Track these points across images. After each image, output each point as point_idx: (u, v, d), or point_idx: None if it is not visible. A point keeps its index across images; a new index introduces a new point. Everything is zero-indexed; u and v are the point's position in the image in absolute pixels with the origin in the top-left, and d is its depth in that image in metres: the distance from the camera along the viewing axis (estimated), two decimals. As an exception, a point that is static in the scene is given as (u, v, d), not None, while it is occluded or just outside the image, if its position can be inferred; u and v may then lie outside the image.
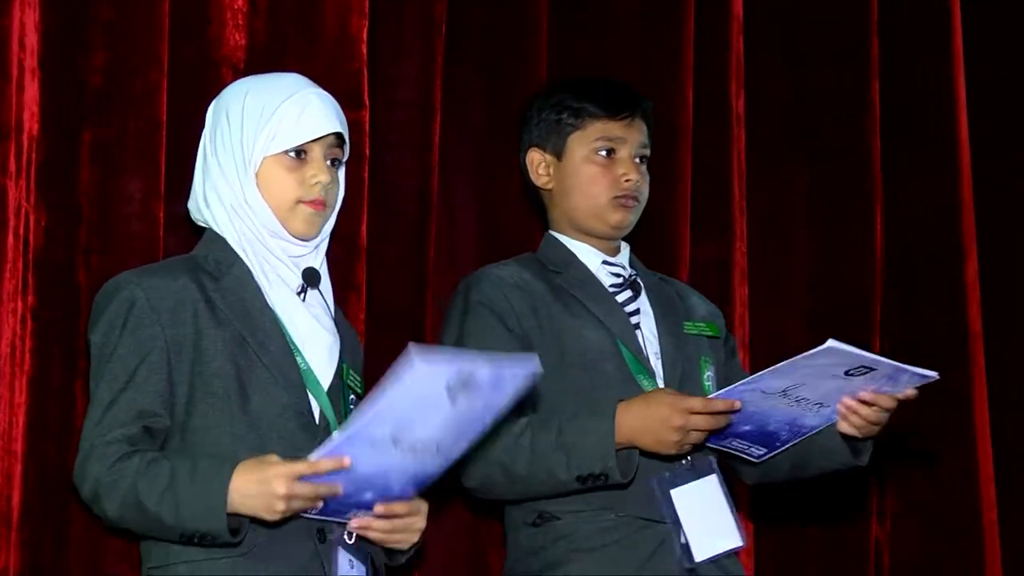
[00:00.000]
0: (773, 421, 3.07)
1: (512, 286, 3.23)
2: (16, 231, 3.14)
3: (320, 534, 2.80)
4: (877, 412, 3.10)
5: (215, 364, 2.80)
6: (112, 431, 2.72)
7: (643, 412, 3.03)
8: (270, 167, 2.88)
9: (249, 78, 3.03)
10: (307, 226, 2.91)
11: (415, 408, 2.56)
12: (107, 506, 2.70)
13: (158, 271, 2.88)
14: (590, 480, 3.06)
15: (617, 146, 3.28)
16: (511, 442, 3.07)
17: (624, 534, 3.13)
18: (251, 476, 2.63)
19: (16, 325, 3.13)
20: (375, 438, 2.57)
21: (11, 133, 3.15)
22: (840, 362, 2.93)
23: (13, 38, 3.16)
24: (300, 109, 2.88)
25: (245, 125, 2.88)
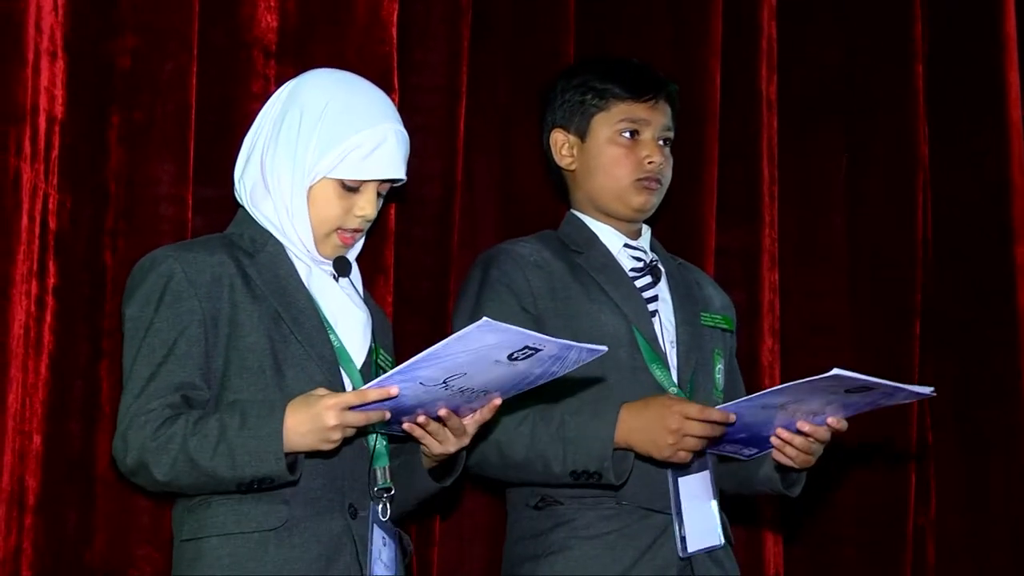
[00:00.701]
0: (767, 429, 3.07)
1: (531, 264, 3.23)
2: (31, 213, 3.13)
3: (352, 510, 2.85)
4: (810, 443, 3.09)
5: (250, 339, 2.84)
6: (152, 401, 2.76)
7: (641, 412, 3.05)
8: (324, 187, 2.92)
9: (334, 78, 3.01)
10: (334, 252, 2.97)
11: (472, 363, 2.64)
12: (156, 471, 2.73)
13: (194, 246, 2.91)
14: (583, 477, 3.07)
15: (641, 128, 3.28)
16: (512, 427, 3.09)
17: (625, 523, 3.14)
18: (303, 414, 2.70)
19: (31, 306, 3.12)
20: (425, 378, 2.65)
21: (26, 116, 3.13)
22: (843, 385, 2.93)
23: (29, 22, 3.14)
24: (374, 146, 2.91)
25: (316, 138, 2.90)
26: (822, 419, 3.05)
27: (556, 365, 2.75)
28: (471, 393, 2.74)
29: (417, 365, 2.63)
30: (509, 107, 3.81)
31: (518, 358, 2.68)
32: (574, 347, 2.72)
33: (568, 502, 3.15)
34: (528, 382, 2.78)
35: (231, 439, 2.70)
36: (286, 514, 2.79)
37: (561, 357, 2.73)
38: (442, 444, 2.83)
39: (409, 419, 2.77)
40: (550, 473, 3.09)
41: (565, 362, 2.75)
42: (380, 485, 2.89)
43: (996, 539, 4.32)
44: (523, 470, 3.12)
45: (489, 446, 3.10)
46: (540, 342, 2.66)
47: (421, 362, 2.62)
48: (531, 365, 2.71)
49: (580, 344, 2.74)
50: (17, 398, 3.08)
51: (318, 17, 3.46)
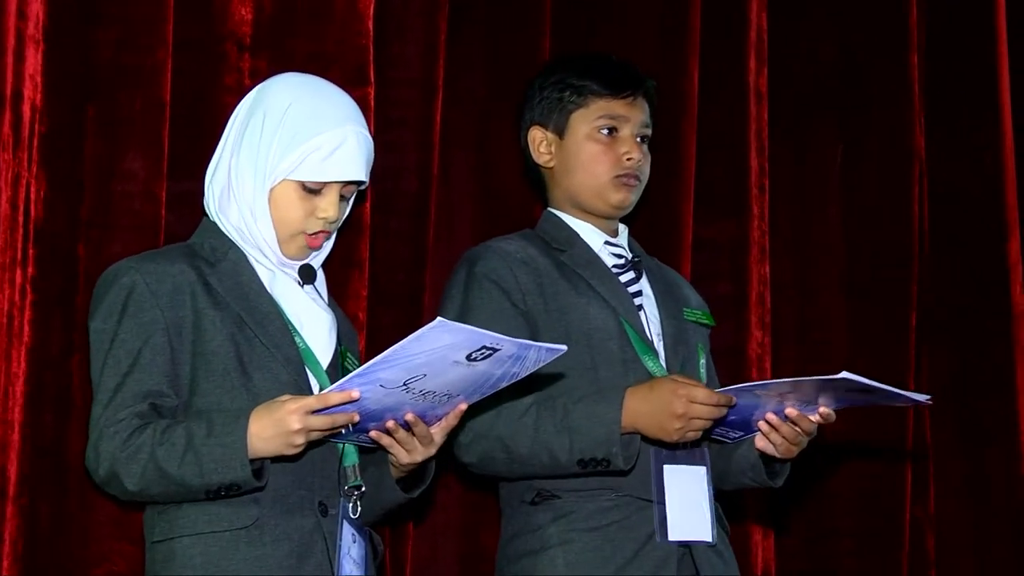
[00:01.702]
0: (759, 413, 3.07)
1: (519, 261, 3.22)
2: (14, 201, 3.14)
3: (322, 508, 2.86)
4: (796, 433, 3.09)
5: (215, 343, 2.85)
6: (120, 411, 2.78)
7: (647, 396, 3.03)
8: (285, 189, 2.92)
9: (298, 81, 3.00)
10: (299, 254, 2.98)
11: (430, 363, 2.65)
12: (127, 481, 2.76)
13: (156, 257, 2.93)
14: (591, 464, 3.06)
15: (619, 125, 3.27)
16: (515, 420, 3.08)
17: (624, 514, 3.13)
18: (266, 419, 2.72)
19: (15, 295, 3.14)
20: (386, 380, 2.66)
21: (6, 103, 3.13)
22: (847, 386, 2.94)
23: (10, 8, 3.14)
24: (333, 147, 2.90)
25: (277, 138, 2.90)
26: (814, 408, 3.05)
27: (517, 365, 2.75)
28: (434, 397, 2.75)
29: (376, 367, 2.63)
30: (487, 101, 3.80)
31: (477, 359, 2.68)
32: (532, 346, 2.72)
33: (565, 495, 3.13)
34: (490, 384, 2.78)
35: (198, 447, 2.72)
36: (256, 513, 2.80)
37: (521, 357, 2.73)
38: (410, 453, 2.84)
39: (377, 426, 2.78)
40: (557, 464, 3.08)
41: (525, 362, 2.75)
42: (350, 483, 2.89)
43: (997, 531, 4.32)
44: (529, 463, 3.10)
45: (493, 442, 3.09)
46: (497, 342, 2.66)
47: (380, 364, 2.63)
48: (491, 366, 2.71)
49: (539, 344, 2.74)
50: (0, 387, 3.10)
51: (295, 9, 3.45)
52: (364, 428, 2.78)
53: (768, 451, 3.13)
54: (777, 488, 3.28)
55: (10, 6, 3.14)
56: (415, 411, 2.76)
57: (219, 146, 3.00)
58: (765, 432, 3.09)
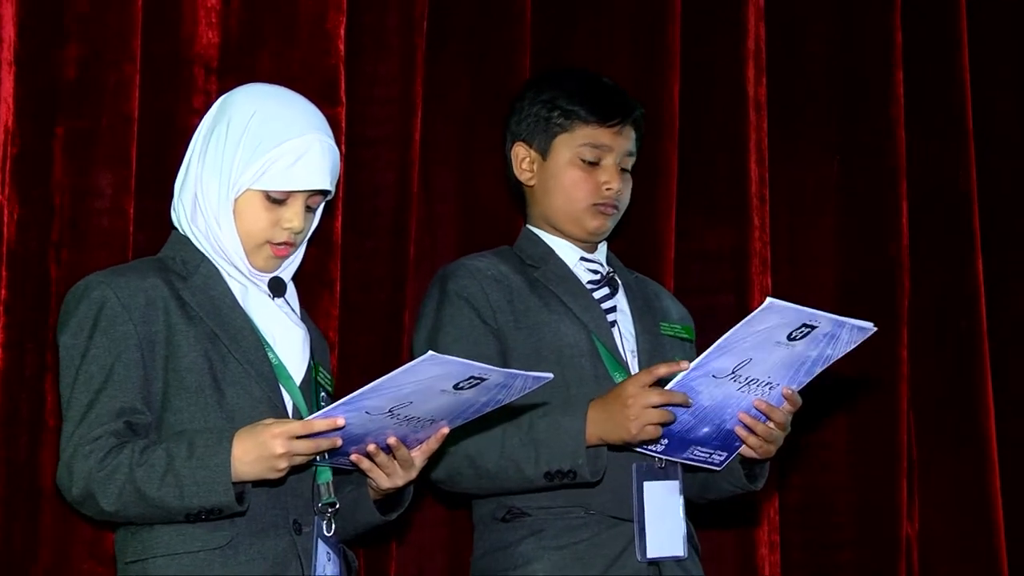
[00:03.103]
0: (729, 416, 3.04)
1: (490, 278, 3.22)
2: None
3: (296, 526, 2.85)
4: (771, 430, 3.07)
5: (188, 359, 2.83)
6: (95, 429, 2.75)
7: (604, 401, 3.04)
8: (249, 199, 2.89)
9: (262, 91, 2.98)
10: (267, 265, 2.95)
11: (417, 392, 2.65)
12: (103, 501, 2.72)
13: (126, 271, 2.90)
14: (558, 477, 3.06)
15: (603, 153, 3.27)
16: (481, 437, 3.07)
17: (593, 532, 3.13)
18: (249, 443, 2.69)
19: (-8, 318, 3.15)
20: (371, 407, 2.65)
21: (-12, 127, 3.15)
22: (781, 322, 2.89)
23: (-9, 31, 3.17)
24: (296, 157, 2.87)
25: (241, 148, 2.88)
26: (777, 394, 3.03)
27: (502, 393, 2.75)
28: (417, 422, 2.74)
29: (363, 396, 2.63)
30: (468, 117, 3.80)
31: (463, 387, 2.68)
32: (519, 375, 2.73)
33: (536, 512, 3.13)
34: (474, 410, 2.78)
35: (178, 469, 2.69)
36: (231, 533, 2.78)
37: (507, 385, 2.73)
38: (390, 477, 2.82)
39: (358, 449, 2.77)
40: (523, 477, 3.07)
41: (511, 390, 2.75)
42: (324, 500, 2.88)
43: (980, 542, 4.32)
44: (496, 478, 3.10)
45: (460, 459, 3.09)
46: (485, 372, 2.67)
47: (367, 393, 2.63)
48: (477, 394, 2.71)
49: (526, 372, 2.74)
50: (-19, 411, 3.11)
51: (261, 30, 3.45)
52: (345, 451, 2.77)
53: (748, 455, 3.12)
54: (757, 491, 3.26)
55: (-9, 30, 3.16)
56: (397, 435, 2.75)
57: (185, 157, 2.98)
58: (743, 436, 3.06)
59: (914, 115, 4.32)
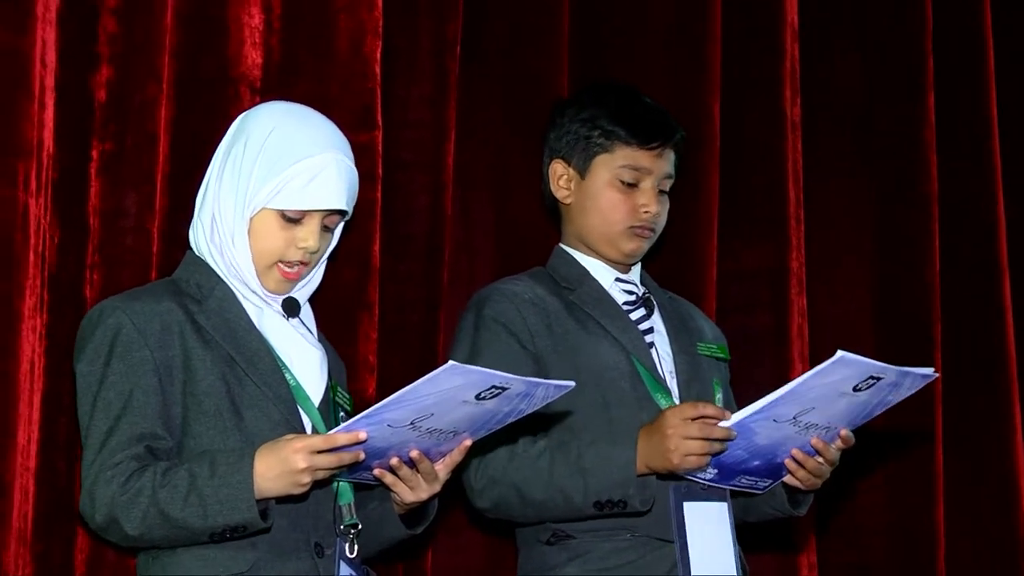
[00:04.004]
0: (782, 452, 3.05)
1: (527, 302, 3.22)
2: (36, 248, 3.16)
3: (318, 549, 2.84)
4: (820, 464, 3.07)
5: (205, 383, 2.82)
6: (116, 455, 2.74)
7: (650, 430, 3.03)
8: (265, 218, 2.89)
9: (282, 109, 3.00)
10: (278, 287, 2.94)
11: (439, 403, 2.64)
12: (127, 526, 2.72)
13: (140, 295, 2.90)
14: (608, 507, 3.06)
15: (642, 176, 3.26)
16: (528, 465, 3.08)
17: (639, 554, 3.12)
18: (271, 459, 2.68)
19: (36, 343, 3.15)
20: (393, 420, 2.65)
21: (33, 151, 3.16)
22: (850, 375, 2.89)
23: (35, 56, 3.18)
24: (312, 175, 2.86)
25: (258, 166, 2.88)
26: (833, 434, 3.03)
27: (524, 402, 2.75)
28: (440, 434, 2.74)
29: (384, 409, 2.63)
30: (502, 139, 3.80)
31: (485, 397, 2.68)
32: (541, 384, 2.73)
33: (581, 535, 3.13)
34: (497, 420, 2.77)
35: (201, 489, 2.69)
36: (252, 557, 2.77)
37: (529, 394, 2.73)
38: (414, 491, 2.82)
39: (380, 463, 2.76)
40: (572, 506, 3.07)
41: (533, 399, 2.75)
42: (346, 522, 2.88)
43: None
44: (544, 507, 3.10)
45: (507, 488, 3.09)
46: (507, 381, 2.66)
47: (389, 406, 2.63)
48: (499, 404, 2.71)
49: (547, 381, 2.74)
50: (25, 434, 3.11)
51: (301, 53, 3.46)
52: (367, 465, 2.76)
53: (793, 484, 3.11)
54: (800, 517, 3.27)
55: (36, 54, 3.18)
56: (420, 448, 2.75)
57: (205, 176, 2.98)
58: (792, 469, 3.06)
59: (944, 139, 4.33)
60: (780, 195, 4.07)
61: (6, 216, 3.11)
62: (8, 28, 3.15)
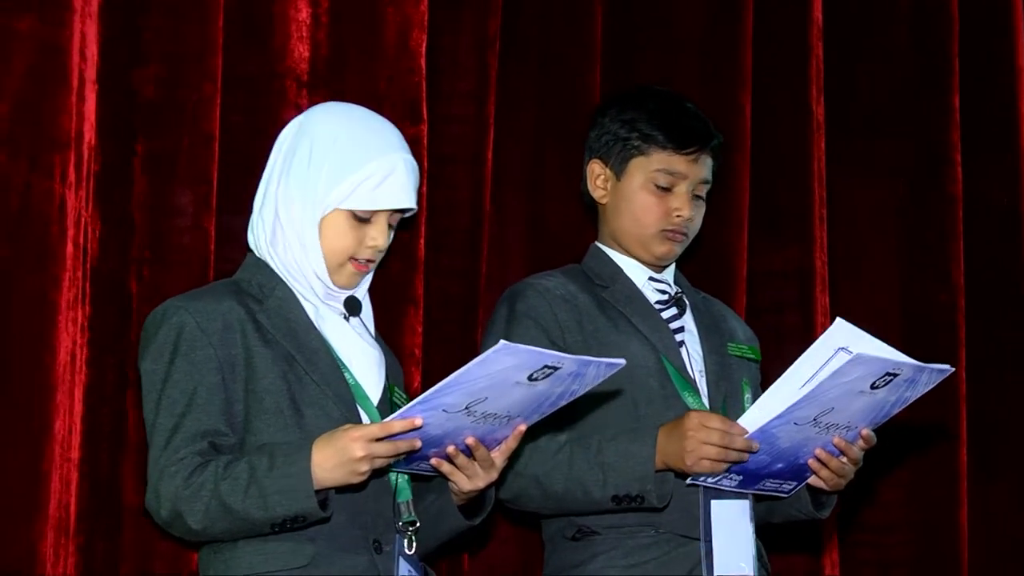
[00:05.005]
0: (804, 453, 3.06)
1: (559, 298, 3.23)
2: (76, 240, 3.17)
3: (376, 545, 2.86)
4: (844, 465, 3.09)
5: (266, 381, 2.85)
6: (180, 451, 2.77)
7: (672, 429, 3.05)
8: (335, 218, 2.93)
9: (343, 110, 3.03)
10: (349, 282, 2.98)
11: (492, 386, 2.66)
12: (190, 520, 2.74)
13: (203, 295, 2.93)
14: (625, 501, 3.07)
15: (677, 180, 3.27)
16: (549, 458, 3.09)
17: (663, 551, 3.14)
18: (329, 449, 2.70)
19: (76, 334, 3.16)
20: (448, 405, 2.66)
21: (71, 143, 3.17)
22: (867, 373, 2.91)
23: (74, 49, 3.18)
24: (383, 176, 2.91)
25: (326, 170, 2.91)
26: (854, 435, 3.05)
27: (576, 383, 2.76)
28: (494, 419, 2.75)
29: (439, 393, 2.64)
30: (536, 138, 3.82)
31: (538, 378, 2.69)
32: (592, 362, 2.74)
33: (605, 532, 3.14)
34: (550, 403, 2.78)
35: (261, 480, 2.71)
36: (312, 552, 2.80)
37: (580, 374, 2.74)
38: (471, 479, 2.83)
39: (437, 452, 2.78)
40: (590, 500, 3.09)
41: (584, 379, 2.76)
42: (405, 519, 2.89)
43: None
44: (563, 500, 3.12)
45: (527, 480, 3.10)
46: (558, 360, 2.68)
47: (443, 390, 2.64)
48: (551, 384, 2.72)
49: (598, 359, 2.75)
50: (64, 425, 3.12)
51: (348, 47, 3.48)
52: (424, 455, 2.77)
53: (818, 485, 3.13)
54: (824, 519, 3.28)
55: (74, 46, 3.18)
56: (475, 435, 2.77)
57: (263, 179, 3.01)
58: (815, 469, 3.08)
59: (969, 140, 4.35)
60: (805, 194, 4.09)
61: (42, 208, 3.13)
62: (44, 21, 3.16)
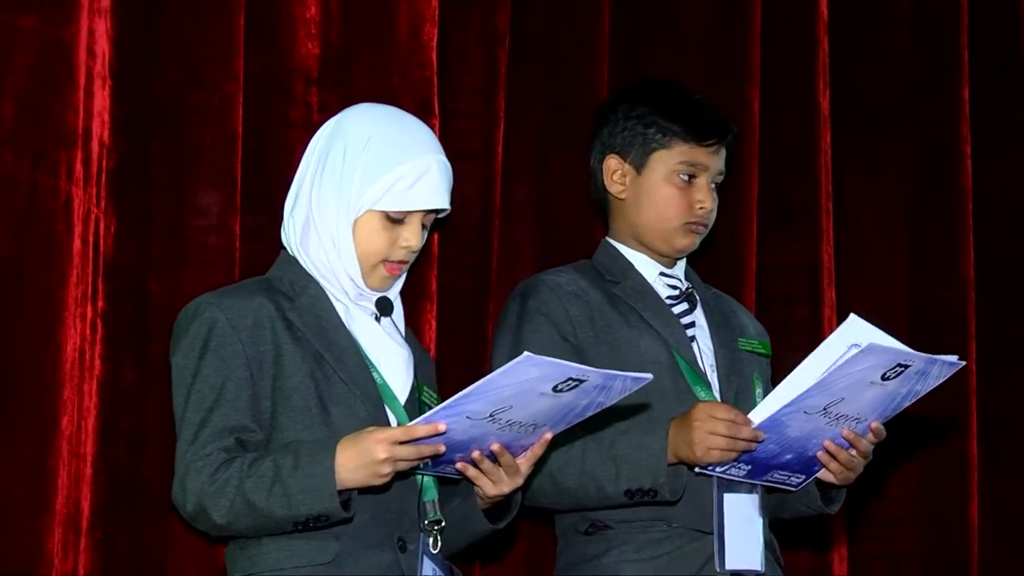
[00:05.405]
0: (814, 444, 3.06)
1: (570, 294, 3.23)
2: (84, 237, 3.16)
3: (400, 543, 2.87)
4: (853, 458, 3.09)
5: (295, 379, 2.87)
6: (207, 446, 2.79)
7: (681, 422, 3.05)
8: (368, 219, 2.94)
9: (376, 112, 3.03)
10: (381, 284, 2.99)
11: (517, 395, 2.66)
12: (214, 515, 2.76)
13: (235, 292, 2.95)
14: (638, 495, 3.07)
15: (698, 172, 3.28)
16: (562, 453, 3.09)
17: (676, 545, 3.14)
18: (353, 450, 2.72)
19: (86, 330, 3.16)
20: (472, 412, 2.67)
21: (78, 140, 3.16)
22: (878, 363, 2.91)
23: (80, 45, 3.18)
24: (417, 176, 2.92)
25: (360, 171, 2.92)
26: (864, 427, 3.05)
27: (602, 395, 2.76)
28: (520, 427, 2.75)
29: (463, 400, 2.65)
30: (544, 133, 3.82)
31: (563, 390, 2.69)
32: (618, 376, 2.74)
33: (618, 526, 3.14)
34: (576, 414, 2.79)
35: (285, 479, 2.73)
36: (336, 549, 2.81)
37: (606, 387, 2.74)
38: (496, 485, 2.84)
39: (462, 457, 2.78)
40: (603, 494, 3.09)
41: (611, 392, 2.76)
42: (430, 518, 2.90)
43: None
44: (576, 495, 3.12)
45: (541, 476, 3.09)
46: (583, 373, 2.68)
47: (466, 397, 2.65)
48: (577, 396, 2.72)
49: (624, 373, 2.75)
50: (72, 421, 3.12)
51: (360, 42, 3.48)
52: (450, 459, 2.78)
53: (827, 479, 3.13)
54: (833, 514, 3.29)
55: (80, 43, 3.18)
56: (501, 442, 2.77)
57: (296, 179, 3.01)
58: (825, 461, 3.08)
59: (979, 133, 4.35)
60: (812, 188, 4.09)
61: (48, 205, 3.13)
62: (47, 20, 3.16)
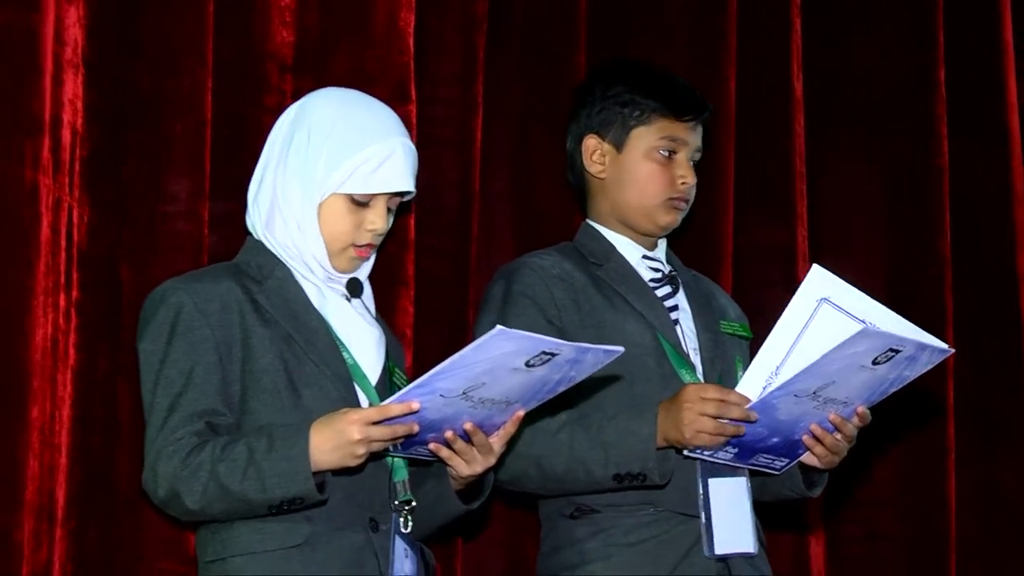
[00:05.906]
0: (800, 428, 3.06)
1: (555, 277, 3.23)
2: (55, 226, 3.14)
3: (373, 524, 2.87)
4: (838, 441, 3.09)
5: (264, 361, 2.86)
6: (177, 431, 2.78)
7: (670, 404, 3.05)
8: (333, 203, 2.93)
9: (340, 96, 3.03)
10: (349, 266, 2.98)
11: (490, 371, 2.66)
12: (187, 500, 2.75)
13: (202, 276, 2.94)
14: (627, 479, 3.07)
15: (678, 147, 3.28)
16: (549, 438, 3.09)
17: (662, 529, 3.14)
18: (327, 431, 2.72)
19: (59, 319, 3.14)
20: (445, 389, 2.67)
21: (45, 128, 3.13)
22: (870, 347, 2.91)
23: (47, 33, 3.14)
24: (381, 159, 2.92)
25: (324, 153, 2.91)
26: (850, 411, 3.05)
27: (574, 369, 2.76)
28: (492, 404, 2.75)
29: (436, 377, 2.64)
30: (522, 118, 3.81)
31: (535, 364, 2.69)
32: (591, 349, 2.74)
33: (605, 510, 3.14)
34: (548, 389, 2.79)
35: (259, 462, 2.72)
36: (308, 530, 2.81)
37: (578, 360, 2.74)
38: (469, 464, 2.84)
39: (435, 437, 2.78)
40: (592, 479, 3.09)
41: (583, 365, 2.76)
42: (401, 498, 2.90)
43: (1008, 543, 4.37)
44: (564, 481, 3.11)
45: (527, 461, 3.10)
46: (556, 347, 2.67)
47: (440, 374, 2.64)
48: (549, 371, 2.72)
49: (596, 346, 2.75)
50: (43, 411, 3.09)
51: (336, 28, 3.46)
52: (422, 440, 2.77)
53: (811, 463, 3.13)
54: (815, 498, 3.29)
55: (47, 32, 3.14)
56: (473, 420, 2.77)
57: (260, 163, 3.01)
58: (810, 445, 3.07)
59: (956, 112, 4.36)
60: (787, 170, 4.10)
61: (10, 194, 3.10)
62: (10, 6, 3.12)
